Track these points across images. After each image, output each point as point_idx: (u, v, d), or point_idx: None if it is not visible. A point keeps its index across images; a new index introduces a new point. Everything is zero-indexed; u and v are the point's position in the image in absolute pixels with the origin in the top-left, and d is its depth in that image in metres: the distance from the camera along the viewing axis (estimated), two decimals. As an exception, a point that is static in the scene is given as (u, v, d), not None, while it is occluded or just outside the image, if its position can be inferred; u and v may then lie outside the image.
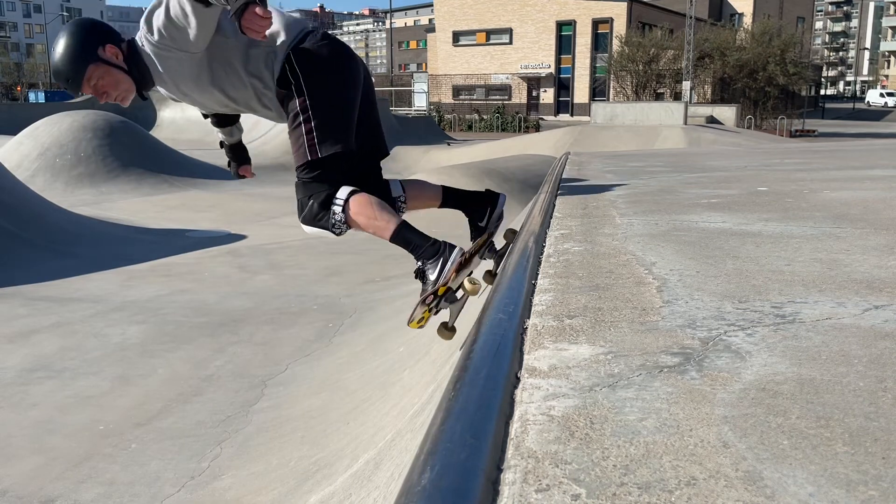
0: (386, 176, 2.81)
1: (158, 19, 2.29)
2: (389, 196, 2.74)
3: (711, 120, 29.12)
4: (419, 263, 2.47)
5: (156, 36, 2.31)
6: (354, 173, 2.55)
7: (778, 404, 1.17)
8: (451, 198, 2.89)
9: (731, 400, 1.19)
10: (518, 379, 1.31)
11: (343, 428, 3.24)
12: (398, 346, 4.40)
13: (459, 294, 2.46)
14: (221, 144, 3.01)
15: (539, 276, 2.08)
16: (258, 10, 2.13)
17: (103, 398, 4.11)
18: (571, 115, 45.18)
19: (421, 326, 2.51)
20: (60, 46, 2.37)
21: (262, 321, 5.64)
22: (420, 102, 35.72)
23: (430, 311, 2.45)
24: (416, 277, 2.50)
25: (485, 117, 38.83)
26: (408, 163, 20.23)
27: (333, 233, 2.48)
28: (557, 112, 47.31)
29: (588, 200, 3.86)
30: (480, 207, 2.83)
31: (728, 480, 0.93)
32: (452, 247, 2.45)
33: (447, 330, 2.47)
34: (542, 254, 2.42)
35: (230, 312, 5.88)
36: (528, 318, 1.68)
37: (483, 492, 0.93)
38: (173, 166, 15.23)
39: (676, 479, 0.94)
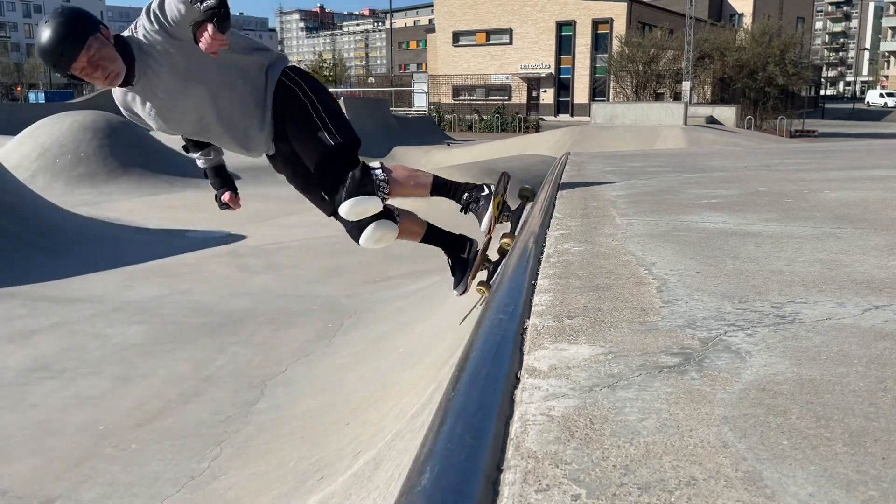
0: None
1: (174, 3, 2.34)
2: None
3: (711, 120, 29.10)
4: (465, 196, 2.89)
5: (169, 15, 2.34)
6: None
7: (778, 404, 1.17)
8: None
9: (731, 400, 1.19)
10: (518, 379, 1.31)
11: (343, 428, 3.24)
12: (398, 347, 4.41)
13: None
14: (205, 173, 3.00)
15: (539, 277, 2.08)
16: (210, 28, 2.21)
17: (103, 398, 4.11)
18: (571, 115, 45.15)
19: (485, 247, 2.95)
20: (59, 21, 2.33)
21: (262, 321, 5.63)
22: (420, 103, 35.71)
23: (500, 215, 2.86)
24: (464, 210, 2.91)
25: (485, 117, 38.82)
26: (408, 163, 20.19)
27: (379, 196, 2.63)
28: (557, 112, 47.30)
29: (588, 200, 3.86)
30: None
31: (728, 480, 0.93)
32: (481, 189, 2.90)
33: (488, 287, 2.75)
34: (542, 254, 2.41)
35: (230, 312, 5.88)
36: (528, 318, 1.68)
37: (483, 492, 0.93)
38: (173, 166, 15.20)
39: (676, 479, 0.94)
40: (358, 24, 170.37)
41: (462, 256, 2.98)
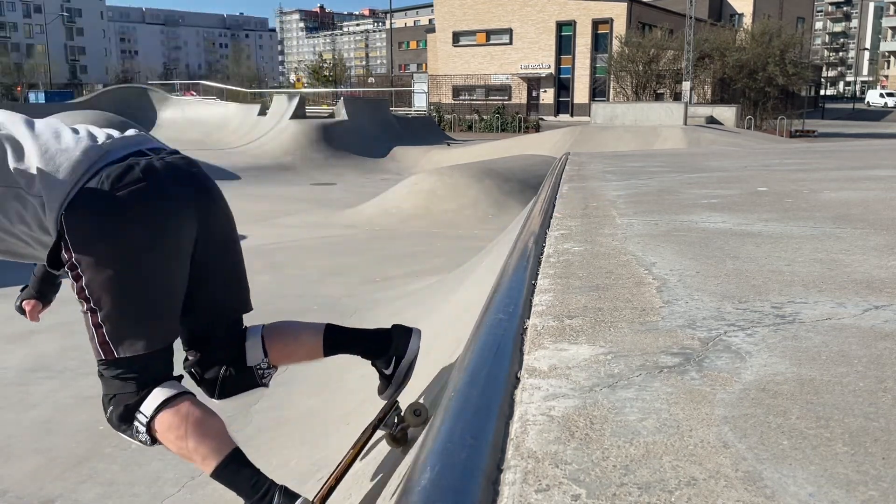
0: (251, 322, 2.20)
1: None
2: (243, 367, 2.11)
3: (711, 120, 29.10)
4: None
5: None
6: (171, 361, 1.90)
7: (778, 404, 1.17)
8: (338, 343, 2.16)
9: (731, 400, 1.19)
10: (518, 379, 1.31)
11: (343, 428, 3.24)
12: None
13: None
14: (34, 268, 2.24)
15: (539, 276, 2.08)
16: None
17: (103, 398, 4.11)
18: (571, 115, 45.17)
19: None
20: None
21: (262, 321, 5.62)
22: (420, 103, 35.67)
23: None
24: None
25: (485, 117, 38.82)
26: (408, 163, 20.22)
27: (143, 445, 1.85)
28: (557, 112, 47.32)
29: (588, 200, 3.86)
30: (384, 352, 2.16)
31: (728, 480, 0.93)
32: (293, 498, 1.80)
33: None
34: (542, 254, 2.42)
35: (230, 312, 5.87)
36: (528, 318, 1.68)
37: (483, 492, 0.93)
38: (173, 166, 15.17)
39: (676, 479, 0.94)
40: (358, 25, 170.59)
41: (386, 373, 2.16)
